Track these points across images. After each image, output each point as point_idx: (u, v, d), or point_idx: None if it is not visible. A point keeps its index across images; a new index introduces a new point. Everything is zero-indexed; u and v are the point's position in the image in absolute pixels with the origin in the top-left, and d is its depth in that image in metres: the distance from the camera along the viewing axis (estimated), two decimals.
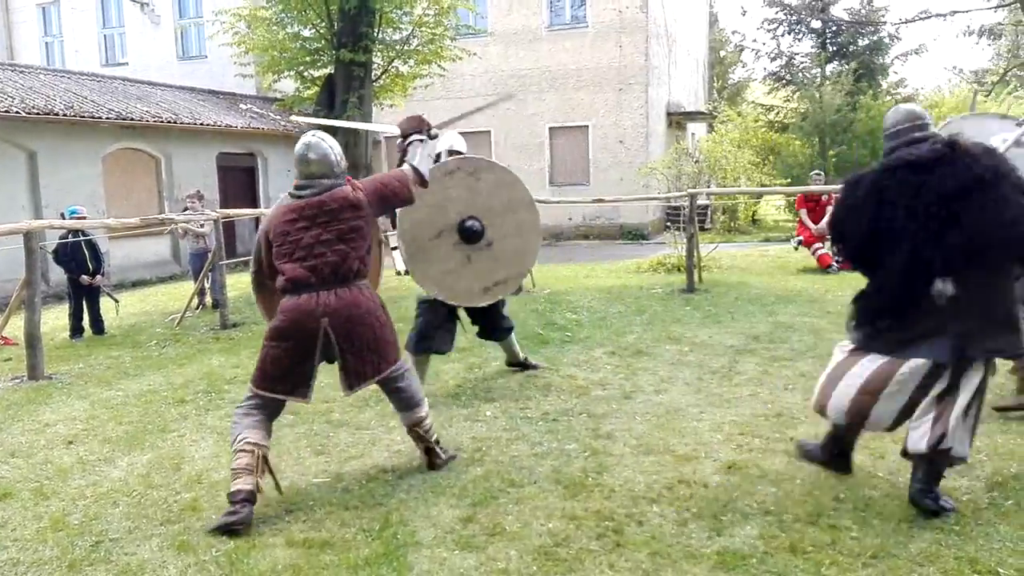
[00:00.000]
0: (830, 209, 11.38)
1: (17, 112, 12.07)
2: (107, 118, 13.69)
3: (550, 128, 20.22)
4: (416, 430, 3.85)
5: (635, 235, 19.54)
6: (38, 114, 12.48)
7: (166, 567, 2.99)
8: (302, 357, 3.50)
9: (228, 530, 3.19)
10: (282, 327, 3.52)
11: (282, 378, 3.52)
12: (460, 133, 5.91)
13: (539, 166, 20.35)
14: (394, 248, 14.51)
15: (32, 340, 6.34)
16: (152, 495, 3.70)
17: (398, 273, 13.30)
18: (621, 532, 3.13)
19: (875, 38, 25.71)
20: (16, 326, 7.21)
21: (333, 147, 3.74)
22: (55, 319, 9.06)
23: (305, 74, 13.83)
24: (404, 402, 3.81)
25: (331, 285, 3.52)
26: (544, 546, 3.04)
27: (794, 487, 3.50)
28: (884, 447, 3.94)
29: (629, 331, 7.11)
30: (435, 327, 5.22)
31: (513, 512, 3.36)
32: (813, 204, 11.44)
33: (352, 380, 3.61)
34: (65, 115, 12.96)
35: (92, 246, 8.56)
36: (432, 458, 3.88)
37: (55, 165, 13.11)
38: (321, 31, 12.63)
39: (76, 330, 8.43)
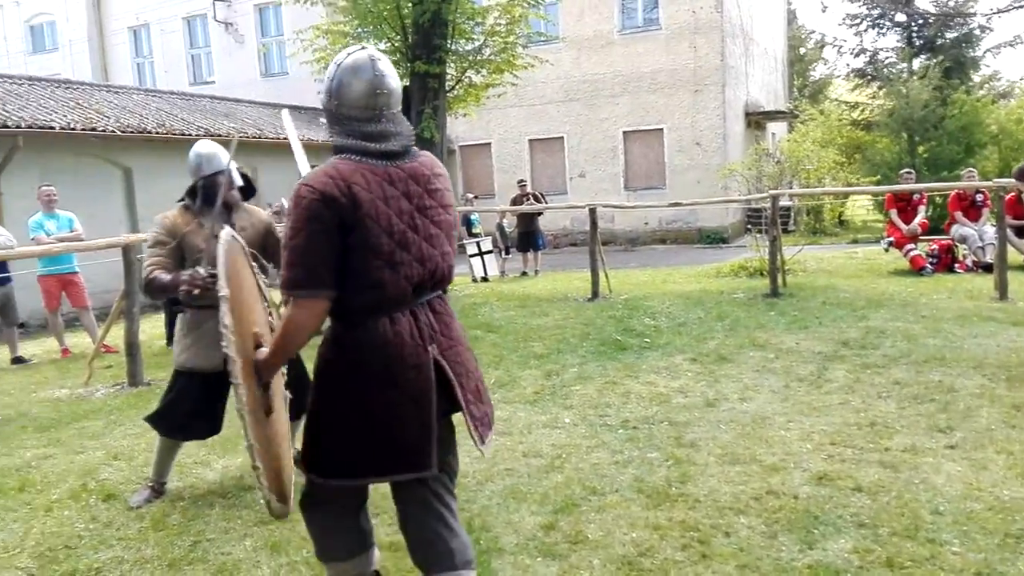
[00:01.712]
0: (922, 209, 10.96)
1: (113, 131, 12.73)
2: (196, 134, 14.28)
3: (624, 132, 20.08)
4: None
5: (714, 239, 19.20)
6: (132, 132, 13.13)
7: (259, 566, 3.09)
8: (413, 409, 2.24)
9: None
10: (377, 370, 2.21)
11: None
12: (533, 140, 5.43)
13: (613, 171, 20.23)
14: (472, 256, 14.64)
15: (131, 348, 6.65)
16: (246, 497, 3.82)
17: (474, 280, 13.44)
18: (707, 543, 3.06)
19: (965, 30, 24.57)
20: (116, 335, 7.57)
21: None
22: (152, 328, 9.48)
23: None
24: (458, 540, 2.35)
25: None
26: (627, 555, 3.00)
27: (890, 499, 3.36)
28: (987, 457, 3.75)
29: (710, 337, 6.97)
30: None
31: (595, 520, 3.33)
32: (904, 204, 11.00)
33: (481, 430, 2.40)
34: (157, 133, 13.59)
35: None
36: None
37: (150, 181, 13.75)
38: (396, 44, 12.85)
39: (172, 338, 8.79)
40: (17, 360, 8.29)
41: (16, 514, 3.77)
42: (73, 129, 12.12)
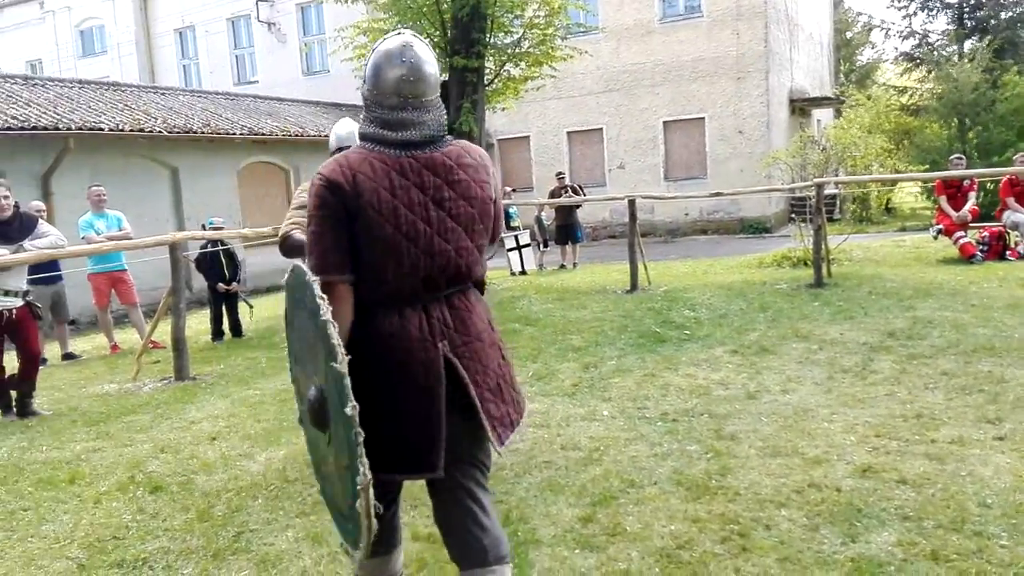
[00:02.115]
0: (972, 195, 10.64)
1: (160, 131, 13.03)
2: (241, 134, 14.55)
3: (664, 122, 19.88)
4: None
5: (757, 228, 18.92)
6: (179, 133, 13.42)
7: (301, 557, 3.14)
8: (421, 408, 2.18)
9: None
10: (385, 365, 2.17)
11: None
12: (571, 132, 5.54)
13: (653, 161, 20.05)
14: (510, 249, 14.65)
15: (178, 344, 6.81)
16: (288, 489, 3.89)
17: (512, 274, 13.46)
18: (747, 536, 3.03)
19: (1019, 10, 23.76)
20: (163, 331, 7.76)
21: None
22: (198, 324, 9.70)
23: None
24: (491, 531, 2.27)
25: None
26: (666, 548, 2.98)
27: (935, 491, 3.28)
28: None
29: (752, 328, 6.88)
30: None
31: (633, 513, 3.31)
32: (954, 190, 10.69)
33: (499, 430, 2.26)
34: (203, 132, 13.87)
35: (230, 255, 9.11)
36: None
37: (195, 180, 14.06)
38: (435, 39, 12.90)
39: (217, 334, 9.00)
40: (68, 356, 8.56)
41: (66, 506, 3.88)
42: (122, 130, 12.44)
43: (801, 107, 21.71)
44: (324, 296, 1.96)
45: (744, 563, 2.84)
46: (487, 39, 12.64)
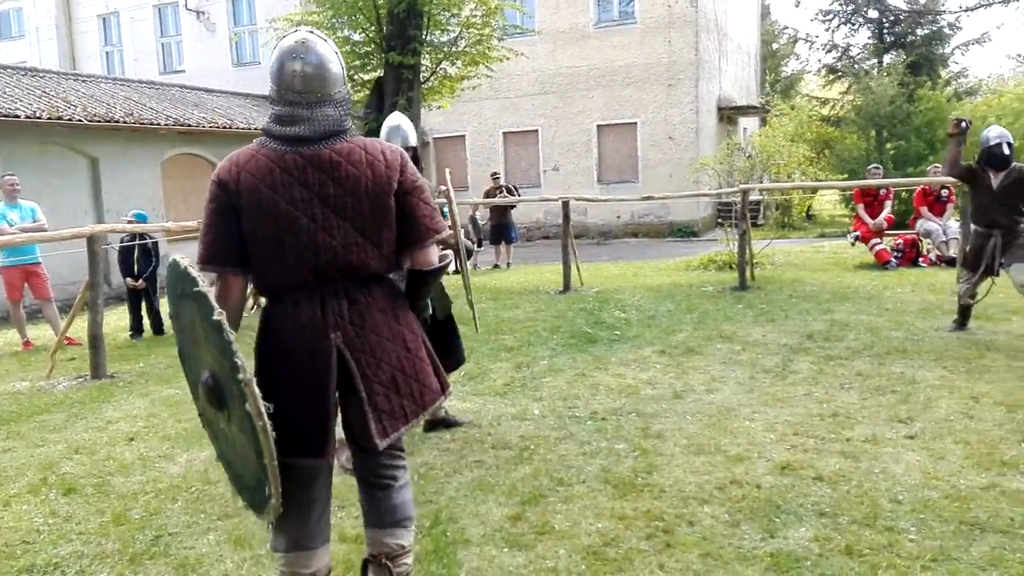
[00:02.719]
0: (888, 204, 11.11)
1: (80, 120, 12.51)
2: (166, 124, 14.09)
3: (598, 126, 20.13)
4: (392, 566, 2.41)
5: (685, 232, 19.33)
6: (100, 122, 12.90)
7: (223, 561, 3.06)
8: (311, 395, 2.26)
9: None
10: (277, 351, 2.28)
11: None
12: (507, 133, 5.73)
13: (587, 164, 20.28)
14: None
15: (95, 340, 6.55)
16: (210, 491, 3.79)
17: (447, 272, 13.42)
18: (671, 532, 3.09)
19: (935, 27, 24.93)
20: (79, 327, 7.46)
21: (337, 54, 2.33)
22: (116, 320, 9.36)
23: (355, 77, 14.02)
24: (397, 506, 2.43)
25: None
26: (593, 545, 3.02)
27: (850, 488, 3.42)
28: (945, 448, 3.83)
29: (679, 329, 7.03)
30: None
31: (562, 511, 3.35)
32: (871, 199, 11.15)
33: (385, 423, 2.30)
34: (125, 122, 13.37)
35: (145, 250, 8.80)
36: None
37: (116, 171, 13.54)
38: (371, 35, 12.78)
39: (136, 329, 8.70)
40: None
41: None
42: (39, 118, 11.89)
43: (729, 115, 22.29)
44: (202, 284, 2.04)
45: (668, 559, 2.90)
46: (423, 36, 12.58)
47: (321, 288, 2.24)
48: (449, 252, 2.61)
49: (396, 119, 4.36)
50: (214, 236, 2.21)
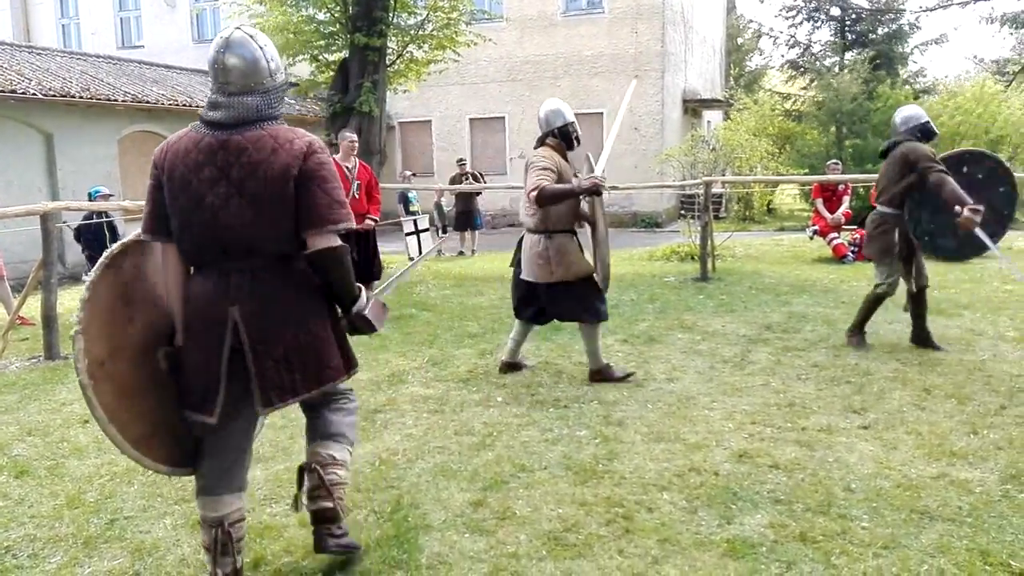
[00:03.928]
0: (846, 199, 11.32)
1: (34, 94, 12.14)
2: (123, 101, 13.75)
3: None
4: (322, 471, 2.72)
5: (649, 223, 19.47)
6: (55, 96, 12.54)
7: (179, 545, 3.03)
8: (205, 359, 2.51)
9: None
10: (184, 318, 2.56)
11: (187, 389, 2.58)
12: (474, 119, 5.91)
13: None
14: (408, 234, 14.50)
15: (49, 321, 6.40)
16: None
17: (410, 259, 13.36)
18: (631, 519, 3.13)
19: (895, 26, 25.38)
20: (33, 307, 7.28)
21: (266, 49, 2.53)
22: (71, 300, 9.13)
23: (319, 58, 13.83)
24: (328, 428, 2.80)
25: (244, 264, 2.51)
26: (554, 531, 3.05)
27: (805, 476, 3.49)
28: (897, 438, 3.93)
29: (641, 319, 7.09)
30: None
31: (523, 497, 3.37)
32: (829, 194, 11.36)
33: (271, 394, 2.51)
34: (81, 97, 13.01)
35: (112, 228, 8.65)
36: (323, 531, 2.71)
37: (71, 147, 13.19)
38: (336, 14, 12.60)
39: None
40: None
41: None
42: None
43: (693, 108, 22.45)
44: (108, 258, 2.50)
45: (627, 544, 2.94)
46: (390, 18, 12.44)
47: (228, 264, 2.47)
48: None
49: (554, 103, 5.26)
50: (149, 210, 2.51)
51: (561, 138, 5.09)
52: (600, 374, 5.11)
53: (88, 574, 2.85)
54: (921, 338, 5.75)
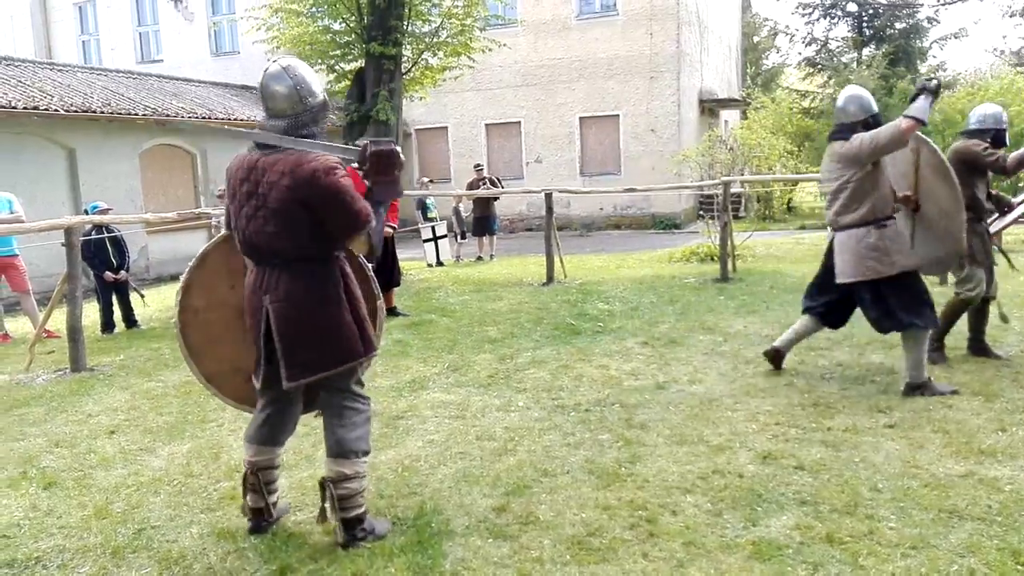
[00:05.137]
0: None
1: (56, 110, 12.33)
2: (143, 115, 13.93)
3: (580, 118, 20.12)
4: (333, 488, 3.00)
5: (667, 224, 19.40)
6: (76, 112, 12.73)
7: (206, 554, 3.05)
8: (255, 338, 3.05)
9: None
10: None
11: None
12: (489, 125, 5.82)
13: (569, 156, 20.28)
14: (426, 240, 14.53)
15: (74, 333, 6.48)
16: (192, 484, 3.77)
17: (428, 265, 13.38)
18: (655, 522, 3.12)
19: (912, 21, 25.14)
20: (58, 320, 7.37)
21: (298, 77, 2.95)
22: (96, 313, 9.24)
23: (336, 67, 13.91)
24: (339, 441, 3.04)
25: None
26: (577, 535, 3.04)
27: (831, 477, 3.46)
28: (924, 436, 3.88)
29: (662, 321, 7.06)
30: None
31: (546, 502, 3.36)
32: None
33: (295, 370, 2.95)
34: (103, 112, 13.20)
35: (116, 242, 8.65)
36: (344, 535, 3.02)
37: (94, 162, 13.37)
38: (351, 24, 12.67)
39: (107, 325, 8.56)
40: None
41: None
42: (14, 108, 11.71)
43: (710, 108, 22.36)
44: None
45: (651, 548, 2.92)
46: (405, 27, 12.49)
47: (259, 262, 2.97)
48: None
49: (853, 89, 4.86)
50: (226, 211, 3.10)
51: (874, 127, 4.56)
52: (921, 389, 4.53)
53: None
54: (981, 348, 5.38)
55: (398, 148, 3.07)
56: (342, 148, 3.13)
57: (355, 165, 3.06)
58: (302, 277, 2.93)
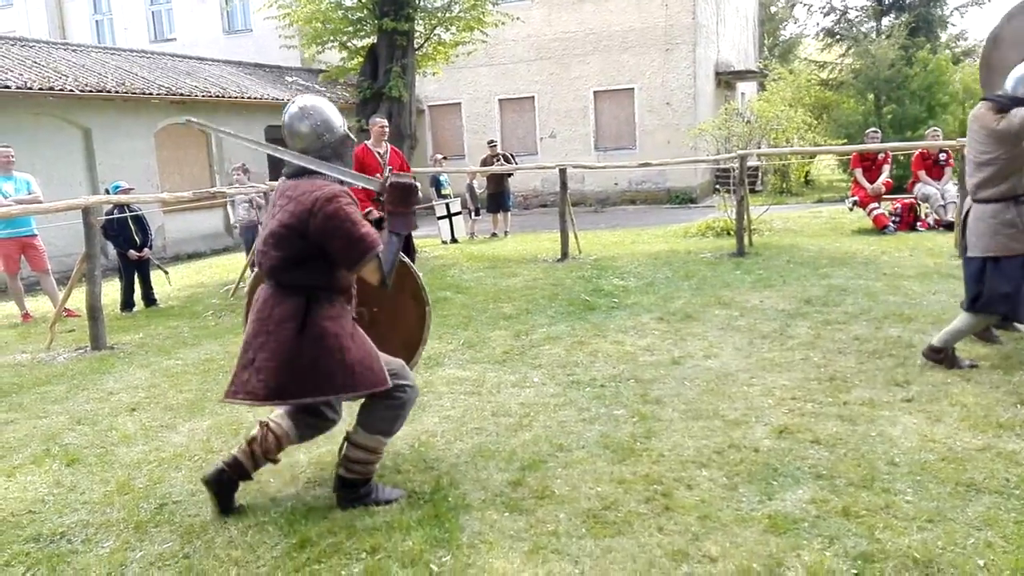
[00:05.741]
0: (886, 168, 11.07)
1: (71, 90, 12.38)
2: (158, 94, 13.96)
3: (595, 92, 19.95)
4: (346, 447, 3.24)
5: (683, 199, 19.28)
6: (91, 91, 12.77)
7: (227, 528, 3.09)
8: None
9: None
10: None
11: None
12: (503, 100, 5.65)
13: (584, 131, 20.13)
14: (440, 218, 14.53)
15: (94, 312, 6.56)
16: (212, 459, 3.79)
17: (443, 242, 13.38)
18: (670, 496, 3.13)
19: None
20: (78, 298, 7.46)
21: (314, 117, 3.10)
22: (115, 291, 9.34)
23: (348, 44, 13.85)
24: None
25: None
26: (593, 509, 3.06)
27: (847, 451, 3.45)
28: (941, 410, 3.86)
29: (677, 296, 7.04)
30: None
31: (562, 476, 3.38)
32: (868, 163, 11.11)
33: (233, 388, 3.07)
34: (117, 92, 13.25)
35: (139, 220, 8.73)
36: (340, 494, 3.24)
37: (109, 141, 13.44)
38: (363, 1, 12.59)
39: (127, 304, 8.65)
40: None
41: None
42: (30, 89, 11.77)
43: (726, 80, 22.09)
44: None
45: (667, 521, 2.93)
46: (417, 2, 12.41)
47: (269, 278, 3.08)
48: None
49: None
50: None
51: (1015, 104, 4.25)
52: (942, 356, 4.53)
53: (140, 558, 2.93)
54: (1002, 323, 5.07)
55: (416, 184, 3.17)
56: (365, 179, 3.28)
57: (374, 192, 3.24)
58: (272, 299, 3.02)
